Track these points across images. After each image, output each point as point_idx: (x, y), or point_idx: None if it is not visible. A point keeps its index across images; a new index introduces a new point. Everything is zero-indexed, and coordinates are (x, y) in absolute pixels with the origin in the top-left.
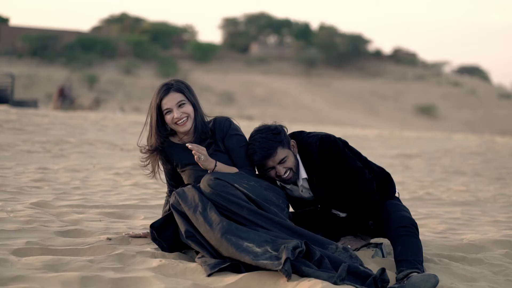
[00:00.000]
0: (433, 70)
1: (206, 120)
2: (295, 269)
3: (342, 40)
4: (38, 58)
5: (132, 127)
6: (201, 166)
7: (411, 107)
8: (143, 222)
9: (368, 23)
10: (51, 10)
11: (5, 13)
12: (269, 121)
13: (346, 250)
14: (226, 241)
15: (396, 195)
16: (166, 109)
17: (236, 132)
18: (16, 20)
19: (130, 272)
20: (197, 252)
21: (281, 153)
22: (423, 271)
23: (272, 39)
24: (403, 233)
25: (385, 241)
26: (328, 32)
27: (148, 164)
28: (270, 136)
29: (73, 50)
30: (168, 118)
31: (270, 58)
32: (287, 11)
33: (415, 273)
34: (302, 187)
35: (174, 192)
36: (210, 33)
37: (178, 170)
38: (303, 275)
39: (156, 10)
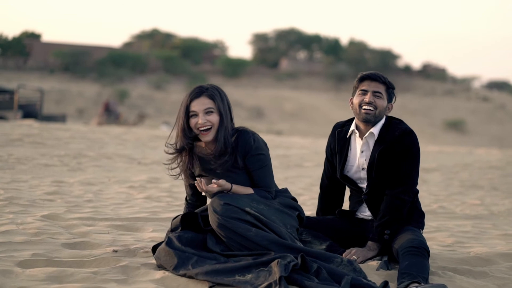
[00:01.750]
0: (462, 85)
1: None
2: (296, 282)
3: (372, 55)
4: (70, 74)
5: (152, 142)
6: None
7: (440, 122)
8: (151, 235)
9: (397, 38)
10: (83, 26)
11: (37, 29)
12: None
13: (351, 263)
14: (217, 281)
15: (421, 231)
16: (193, 111)
17: (260, 151)
18: (48, 36)
19: (133, 284)
20: None
21: (382, 88)
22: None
23: (302, 55)
24: (413, 252)
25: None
26: (357, 47)
27: (173, 164)
28: (385, 76)
29: (104, 66)
30: (192, 121)
31: (300, 74)
32: (317, 26)
33: (417, 284)
34: (365, 147)
35: (154, 256)
36: (240, 49)
37: (191, 181)
38: (304, 286)
39: (186, 26)
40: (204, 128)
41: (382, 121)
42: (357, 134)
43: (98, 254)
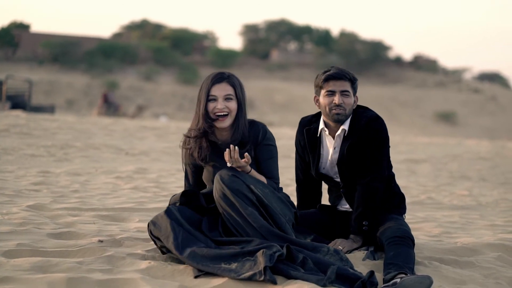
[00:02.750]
0: (454, 76)
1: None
2: (282, 273)
3: (363, 46)
4: (59, 65)
5: (140, 132)
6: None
7: (431, 113)
8: (137, 225)
9: (388, 29)
10: (72, 17)
11: (26, 20)
12: None
13: (337, 252)
14: (203, 267)
15: (403, 216)
16: (213, 96)
17: (270, 142)
18: (37, 26)
19: (118, 273)
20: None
21: (348, 86)
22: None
23: (292, 46)
24: (398, 242)
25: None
26: (348, 38)
27: (190, 147)
28: (348, 70)
29: (93, 57)
30: (210, 105)
31: (291, 65)
32: (307, 17)
33: (404, 275)
34: (337, 143)
35: (150, 221)
36: (230, 40)
37: (202, 163)
38: (291, 277)
39: (176, 16)
40: (222, 113)
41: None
42: (327, 132)
43: (83, 244)
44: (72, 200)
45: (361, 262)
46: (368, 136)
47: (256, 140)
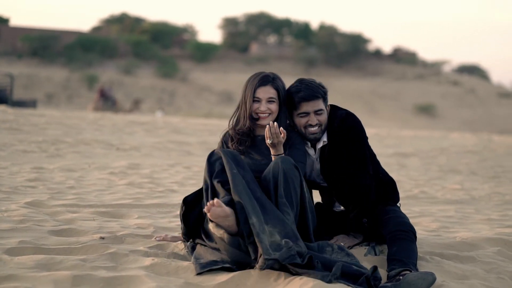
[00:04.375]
0: (433, 69)
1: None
2: (288, 269)
3: (342, 39)
4: (38, 58)
5: (129, 127)
6: (269, 146)
7: (411, 106)
8: (137, 221)
9: (368, 22)
10: (51, 11)
11: (5, 14)
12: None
13: (342, 249)
14: (245, 199)
15: (398, 204)
16: (257, 98)
17: (301, 145)
18: (16, 20)
19: (122, 271)
20: (192, 250)
21: (321, 104)
22: (416, 271)
23: (272, 39)
24: (401, 236)
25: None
26: (328, 31)
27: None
28: (317, 84)
29: (73, 50)
30: (254, 106)
31: (270, 58)
32: (287, 10)
33: (408, 271)
34: (318, 155)
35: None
36: (210, 33)
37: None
38: (296, 273)
39: (156, 10)
40: (264, 114)
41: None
42: (309, 144)
43: (85, 241)
44: (69, 196)
45: (363, 258)
46: (343, 138)
47: (290, 141)
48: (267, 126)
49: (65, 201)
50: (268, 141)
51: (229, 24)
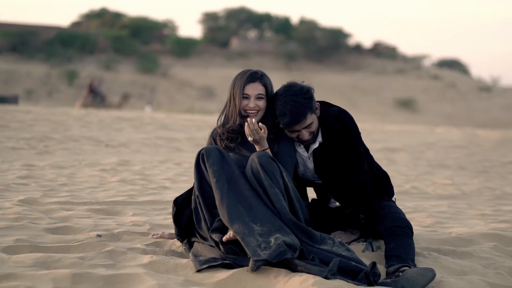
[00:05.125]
0: (413, 63)
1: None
2: (286, 261)
3: (322, 34)
4: (17, 54)
5: (116, 123)
6: (252, 143)
7: (391, 100)
8: (132, 219)
9: (348, 17)
10: (30, 6)
11: None
12: (298, 81)
13: (342, 244)
14: (227, 207)
15: (393, 199)
16: (246, 94)
17: (290, 139)
18: None
19: (121, 268)
20: (190, 247)
21: (309, 118)
22: (414, 267)
23: (252, 34)
24: (398, 232)
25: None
26: (308, 26)
27: (222, 141)
28: (302, 101)
29: (52, 46)
30: (243, 102)
31: (250, 53)
32: (267, 5)
33: (407, 268)
34: (311, 154)
35: (202, 149)
36: (190, 28)
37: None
38: (293, 266)
39: (136, 5)
40: (252, 111)
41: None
42: (302, 146)
43: (82, 239)
44: (62, 194)
45: (361, 254)
46: (337, 135)
47: (282, 136)
48: (246, 123)
49: (59, 198)
50: (249, 139)
51: (209, 19)
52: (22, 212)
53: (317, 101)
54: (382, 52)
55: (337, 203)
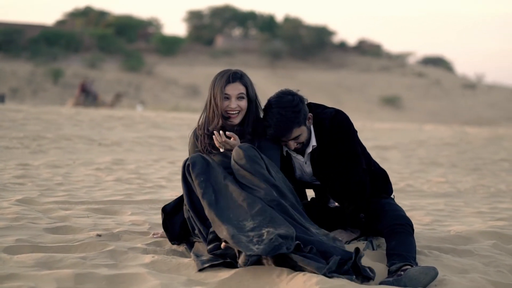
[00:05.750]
0: (398, 61)
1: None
2: (284, 255)
3: (307, 32)
4: (2, 53)
5: (107, 122)
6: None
7: (376, 98)
8: (131, 218)
9: (333, 15)
10: (15, 4)
11: None
12: (293, 89)
13: (338, 241)
14: (212, 211)
15: (392, 196)
16: (226, 94)
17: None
18: None
19: (124, 268)
20: (191, 247)
21: (296, 132)
22: (416, 266)
23: (237, 32)
24: (398, 230)
25: (375, 236)
26: (293, 24)
27: (206, 146)
28: (290, 114)
29: (37, 44)
30: (224, 103)
31: (235, 51)
32: (251, 3)
33: (409, 266)
34: (307, 158)
35: (187, 160)
36: (175, 26)
37: (207, 153)
38: (291, 261)
39: (120, 3)
40: (234, 112)
41: (312, 127)
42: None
43: (82, 239)
44: (59, 193)
45: (361, 252)
46: (334, 136)
47: (261, 134)
48: (213, 137)
49: (56, 198)
50: (221, 150)
51: (194, 17)
52: (21, 212)
53: (313, 103)
54: (367, 50)
55: (335, 204)
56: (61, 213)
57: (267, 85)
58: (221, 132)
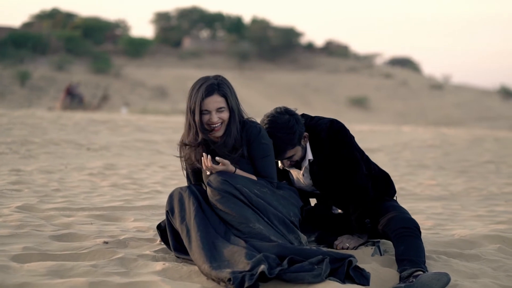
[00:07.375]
0: (365, 62)
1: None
2: (277, 276)
3: (275, 33)
4: None
5: (92, 126)
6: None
7: (344, 99)
8: (135, 224)
9: (300, 16)
10: None
11: None
12: (292, 108)
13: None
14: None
15: (394, 197)
16: (206, 110)
17: (263, 140)
18: None
19: (136, 276)
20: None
21: (290, 152)
22: (427, 271)
23: (204, 33)
24: (406, 233)
25: (382, 240)
26: (260, 25)
27: (188, 157)
28: (285, 136)
29: (4, 47)
30: (204, 118)
31: (203, 52)
32: (219, 5)
33: (421, 272)
34: (305, 171)
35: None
36: (142, 28)
37: (199, 166)
38: (287, 280)
39: (87, 5)
40: (216, 125)
41: (308, 145)
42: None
43: (90, 246)
44: (58, 199)
45: (370, 258)
46: (332, 146)
47: (249, 139)
48: (202, 158)
49: (56, 204)
50: (207, 174)
51: (161, 19)
52: (24, 219)
53: (307, 115)
54: (334, 51)
55: (339, 211)
56: (64, 220)
57: (235, 86)
58: (209, 156)
